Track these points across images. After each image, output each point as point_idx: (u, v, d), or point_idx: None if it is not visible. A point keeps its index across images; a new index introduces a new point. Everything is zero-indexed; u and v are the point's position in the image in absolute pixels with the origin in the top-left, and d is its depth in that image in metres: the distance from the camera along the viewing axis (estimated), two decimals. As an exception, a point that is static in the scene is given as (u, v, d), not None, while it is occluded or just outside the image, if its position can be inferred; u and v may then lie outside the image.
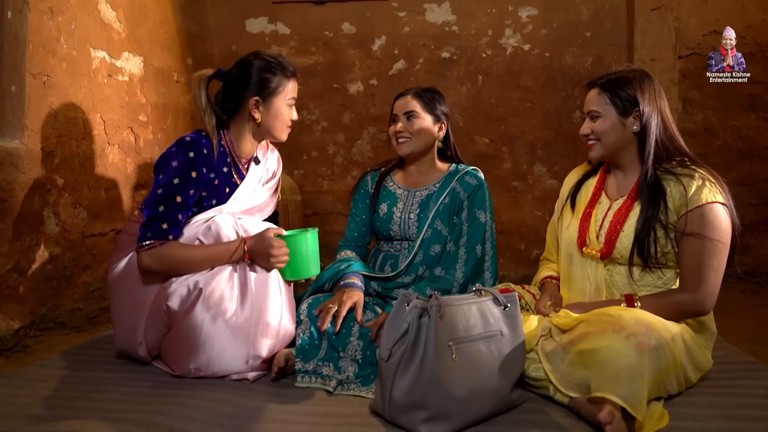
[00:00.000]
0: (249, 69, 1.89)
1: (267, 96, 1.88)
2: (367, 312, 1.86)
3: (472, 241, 1.99)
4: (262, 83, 1.87)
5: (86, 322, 2.39)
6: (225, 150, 1.92)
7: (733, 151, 3.28)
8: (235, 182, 1.94)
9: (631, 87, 1.68)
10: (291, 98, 1.93)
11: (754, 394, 1.58)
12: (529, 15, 3.44)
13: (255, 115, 1.89)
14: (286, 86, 1.90)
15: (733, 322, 2.38)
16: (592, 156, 1.77)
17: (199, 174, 1.81)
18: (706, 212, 1.56)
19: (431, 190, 2.07)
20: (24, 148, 2.08)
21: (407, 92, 2.07)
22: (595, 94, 1.73)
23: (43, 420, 1.47)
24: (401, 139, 2.03)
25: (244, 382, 1.73)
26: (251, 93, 1.87)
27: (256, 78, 1.87)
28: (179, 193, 1.77)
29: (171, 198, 1.76)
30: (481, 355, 1.45)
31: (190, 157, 1.80)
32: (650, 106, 1.67)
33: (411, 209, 2.06)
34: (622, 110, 1.69)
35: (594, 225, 1.75)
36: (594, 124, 1.72)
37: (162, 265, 1.74)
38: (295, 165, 3.62)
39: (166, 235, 1.75)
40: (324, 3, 3.54)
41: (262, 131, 1.93)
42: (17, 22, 2.07)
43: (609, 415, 1.32)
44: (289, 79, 1.91)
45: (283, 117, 1.92)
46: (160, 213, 1.75)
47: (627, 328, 1.41)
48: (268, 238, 1.75)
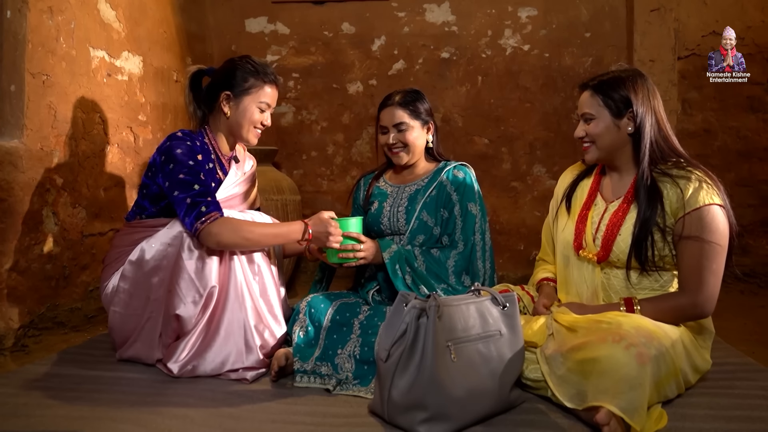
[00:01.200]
0: (229, 67, 1.96)
1: (239, 93, 1.93)
2: (363, 309, 1.87)
3: (466, 233, 2.01)
4: (236, 80, 1.93)
5: (85, 322, 2.39)
6: (209, 147, 1.98)
7: (732, 152, 3.28)
8: (219, 178, 1.98)
9: (624, 88, 1.66)
10: (263, 102, 1.96)
11: (753, 394, 1.58)
12: (528, 15, 3.44)
13: (225, 110, 1.94)
14: (260, 89, 1.94)
15: (732, 322, 2.38)
16: (588, 159, 1.76)
17: (196, 161, 1.85)
18: (704, 215, 1.56)
19: (419, 185, 2.11)
20: (23, 147, 2.08)
21: (391, 102, 2.08)
22: (588, 97, 1.71)
23: (41, 420, 1.47)
24: (396, 149, 2.08)
25: (242, 382, 1.73)
26: (224, 87, 1.94)
27: (232, 75, 1.94)
28: (200, 171, 1.83)
29: (196, 176, 1.81)
30: (480, 355, 1.45)
31: (188, 145, 1.86)
32: (644, 107, 1.65)
33: (400, 203, 2.09)
34: (616, 112, 1.67)
35: (590, 228, 1.74)
36: (588, 126, 1.71)
37: (233, 235, 1.74)
38: (295, 165, 3.62)
39: (218, 206, 1.78)
40: (323, 3, 3.54)
41: (231, 129, 1.98)
42: (16, 22, 2.07)
43: (606, 417, 1.32)
44: (265, 83, 1.95)
45: (251, 117, 1.95)
46: (198, 191, 1.78)
47: (627, 338, 1.40)
48: (326, 220, 1.84)
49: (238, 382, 1.73)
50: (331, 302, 1.90)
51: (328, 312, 1.85)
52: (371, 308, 1.87)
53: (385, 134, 2.08)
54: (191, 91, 1.99)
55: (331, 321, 1.82)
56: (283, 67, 3.59)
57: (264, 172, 3.06)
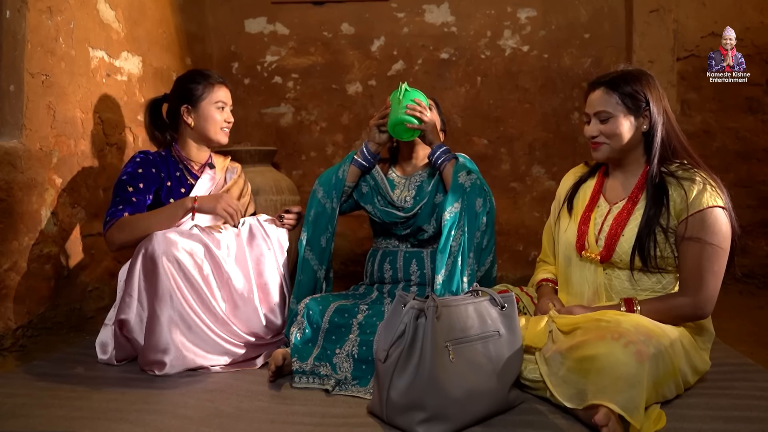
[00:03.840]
0: (179, 85, 2.17)
1: (195, 102, 2.12)
2: (362, 309, 1.87)
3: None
4: (188, 92, 2.12)
5: (84, 322, 2.38)
6: (175, 158, 2.18)
7: (731, 153, 3.28)
8: (190, 183, 2.16)
9: (640, 84, 1.63)
10: (219, 102, 2.14)
11: (752, 395, 1.58)
12: (527, 16, 3.44)
13: (188, 121, 2.13)
14: (211, 91, 2.12)
15: (731, 323, 2.38)
16: (598, 157, 1.72)
17: (146, 171, 2.05)
18: (707, 216, 1.56)
19: (422, 176, 2.18)
20: (22, 147, 2.08)
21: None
22: (602, 94, 1.66)
23: (40, 420, 1.47)
24: None
25: (238, 382, 1.73)
26: (181, 102, 2.13)
27: (184, 89, 2.13)
28: (128, 183, 2.01)
29: (122, 189, 2.01)
30: (479, 355, 1.45)
31: (136, 160, 2.07)
32: (657, 105, 1.64)
33: (408, 193, 2.16)
34: (634, 109, 1.64)
35: (593, 228, 1.74)
36: (604, 126, 1.66)
37: (121, 233, 1.93)
38: (294, 165, 3.62)
39: (122, 212, 1.97)
40: (323, 3, 3.54)
41: (199, 136, 2.15)
42: (16, 22, 2.07)
43: (605, 417, 1.32)
44: (213, 85, 2.13)
45: (214, 119, 2.13)
46: (117, 201, 2.00)
47: (626, 336, 1.40)
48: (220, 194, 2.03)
49: (237, 382, 1.73)
50: (329, 304, 1.89)
51: (326, 314, 1.85)
52: (369, 308, 1.87)
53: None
54: (151, 121, 2.20)
55: (329, 323, 1.82)
56: (283, 67, 3.59)
57: (263, 173, 3.06)
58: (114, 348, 1.92)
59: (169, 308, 1.79)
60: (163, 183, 2.09)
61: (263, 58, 3.60)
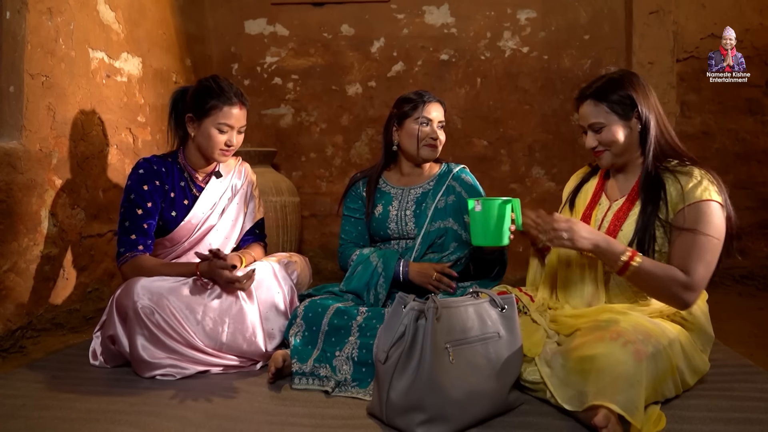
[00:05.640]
0: (196, 87, 2.02)
1: (200, 115, 1.98)
2: (361, 311, 1.87)
3: None
4: (198, 103, 1.98)
5: (83, 323, 2.38)
6: (180, 166, 2.08)
7: (731, 155, 3.29)
8: (194, 195, 2.08)
9: (623, 88, 1.67)
10: (223, 123, 1.96)
11: (751, 397, 1.58)
12: (527, 18, 3.44)
13: (190, 131, 2.02)
14: (219, 110, 1.96)
15: (731, 325, 2.38)
16: (603, 165, 1.75)
17: (152, 186, 1.98)
18: (702, 208, 1.56)
19: (426, 188, 2.12)
20: (22, 148, 2.08)
21: (432, 98, 2.10)
22: (591, 106, 1.69)
23: (39, 421, 1.47)
24: (433, 145, 2.09)
25: (238, 383, 1.73)
26: (188, 109, 2.01)
27: (196, 96, 2.00)
28: (137, 206, 1.95)
29: (132, 213, 1.95)
30: (479, 357, 1.45)
31: (140, 173, 1.98)
32: (646, 105, 1.67)
33: (407, 206, 2.11)
34: (623, 114, 1.67)
35: (594, 225, 1.75)
36: (600, 135, 1.69)
37: (134, 273, 1.89)
38: (294, 166, 3.62)
39: (137, 245, 1.94)
40: (323, 5, 3.54)
41: (199, 148, 2.03)
42: (16, 23, 2.07)
43: (605, 419, 1.32)
44: (224, 104, 1.96)
45: (212, 139, 1.98)
46: (127, 227, 1.95)
47: (624, 335, 1.41)
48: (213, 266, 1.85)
49: (236, 383, 1.73)
50: (328, 306, 1.89)
51: (326, 316, 1.85)
52: (369, 310, 1.87)
53: (425, 126, 2.08)
54: (172, 111, 2.09)
55: (329, 325, 1.82)
56: (283, 68, 3.59)
57: (263, 174, 3.06)
58: (104, 357, 1.91)
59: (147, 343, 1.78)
60: (166, 195, 2.02)
61: (263, 59, 3.60)
